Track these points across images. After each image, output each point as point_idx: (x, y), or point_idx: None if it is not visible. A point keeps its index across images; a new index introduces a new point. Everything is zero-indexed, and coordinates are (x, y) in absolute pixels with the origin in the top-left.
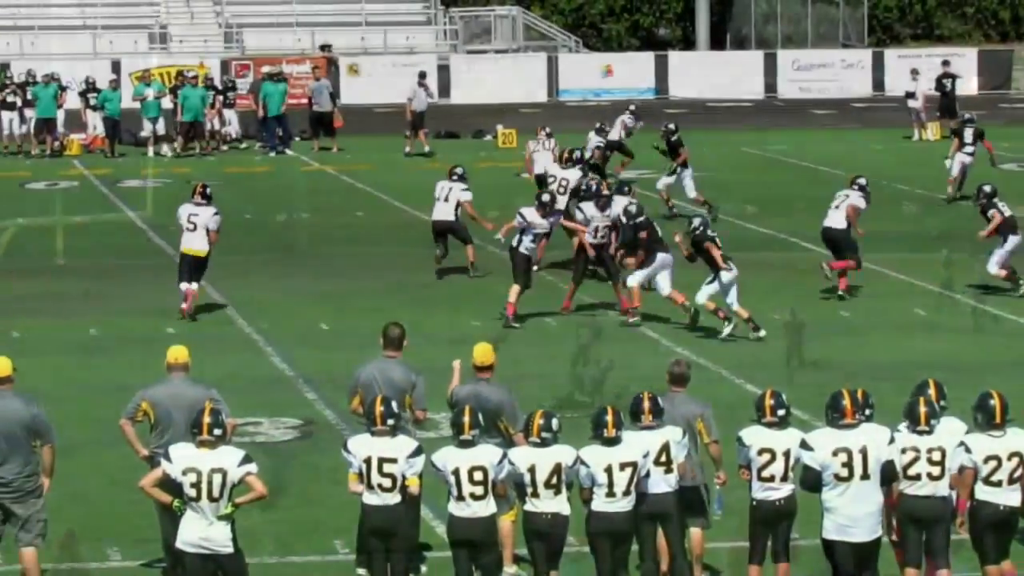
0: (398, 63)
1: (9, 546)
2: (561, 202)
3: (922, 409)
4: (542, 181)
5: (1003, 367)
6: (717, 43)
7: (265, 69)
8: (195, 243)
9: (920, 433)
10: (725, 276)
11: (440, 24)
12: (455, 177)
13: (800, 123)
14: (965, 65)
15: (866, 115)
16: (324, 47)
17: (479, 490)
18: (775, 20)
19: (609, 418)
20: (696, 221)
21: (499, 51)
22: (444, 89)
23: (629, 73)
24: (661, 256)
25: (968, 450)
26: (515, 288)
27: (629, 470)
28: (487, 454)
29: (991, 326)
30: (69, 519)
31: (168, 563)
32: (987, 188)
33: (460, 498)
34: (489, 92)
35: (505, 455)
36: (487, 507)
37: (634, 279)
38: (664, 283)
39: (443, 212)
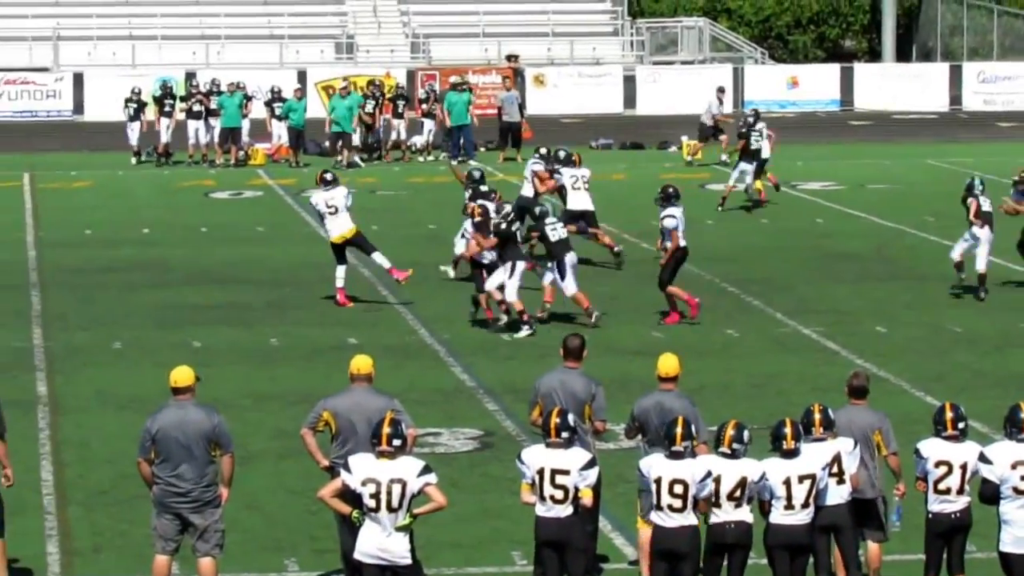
0: (584, 73)
1: (187, 556)
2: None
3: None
4: None
5: None
6: (903, 55)
7: (451, 79)
8: (344, 226)
9: None
10: (520, 266)
11: (627, 35)
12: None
13: (985, 136)
14: None
15: None
16: (510, 57)
17: (677, 503)
18: (961, 32)
19: (788, 430)
20: (506, 208)
21: (685, 62)
22: (630, 100)
23: (814, 85)
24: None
25: (988, 462)
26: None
27: (808, 482)
28: (690, 468)
29: None
30: (247, 529)
31: (346, 574)
32: None
33: (659, 508)
34: (674, 103)
35: (709, 473)
36: (687, 518)
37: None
38: (570, 283)
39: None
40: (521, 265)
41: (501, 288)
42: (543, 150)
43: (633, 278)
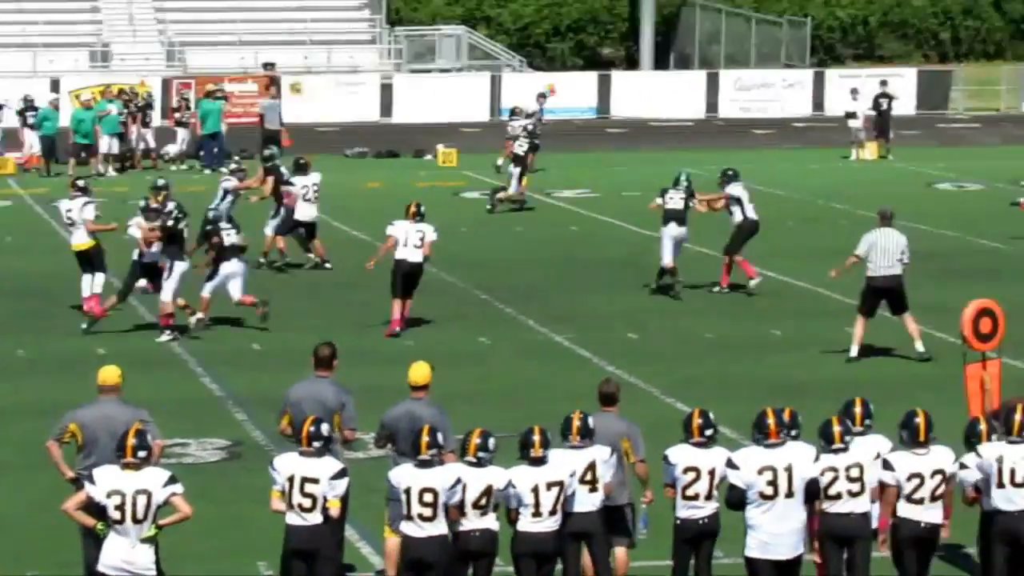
0: (341, 81)
1: None
2: None
3: (835, 428)
4: None
5: (932, 385)
6: (661, 63)
7: (207, 87)
8: (78, 239)
9: (836, 452)
10: (179, 267)
11: (384, 43)
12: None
13: (741, 143)
14: (904, 85)
15: (806, 135)
16: (267, 65)
17: (428, 511)
18: (719, 40)
19: (536, 438)
20: (170, 205)
21: (443, 70)
22: (387, 108)
23: (572, 92)
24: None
25: (891, 468)
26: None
27: (556, 490)
28: (439, 476)
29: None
30: None
31: None
32: None
33: (409, 518)
34: (432, 111)
35: (459, 480)
36: (438, 527)
37: (206, 289)
38: (235, 289)
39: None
40: (181, 266)
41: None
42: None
43: (386, 288)
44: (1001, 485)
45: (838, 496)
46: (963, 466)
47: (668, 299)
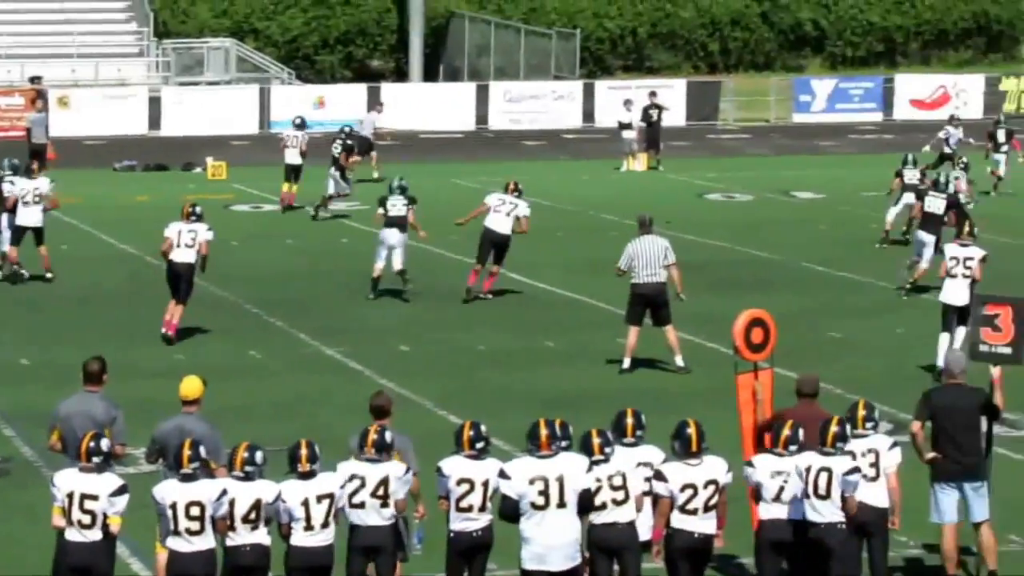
0: (109, 95)
1: None
2: None
3: (595, 440)
4: None
5: (705, 396)
6: (431, 75)
7: None
8: None
9: (597, 463)
10: None
11: (152, 56)
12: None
13: (512, 155)
14: (674, 96)
15: (576, 146)
16: (34, 79)
17: (195, 525)
18: (488, 52)
19: (304, 452)
20: None
21: (211, 83)
22: (155, 121)
23: (341, 105)
24: None
25: (664, 479)
26: None
27: (326, 502)
28: (205, 489)
29: (691, 355)
30: None
31: None
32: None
33: (176, 533)
34: (200, 124)
35: (224, 491)
36: (206, 541)
37: None
38: None
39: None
40: None
41: None
42: None
43: (153, 300)
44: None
45: (603, 506)
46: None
47: (440, 311)
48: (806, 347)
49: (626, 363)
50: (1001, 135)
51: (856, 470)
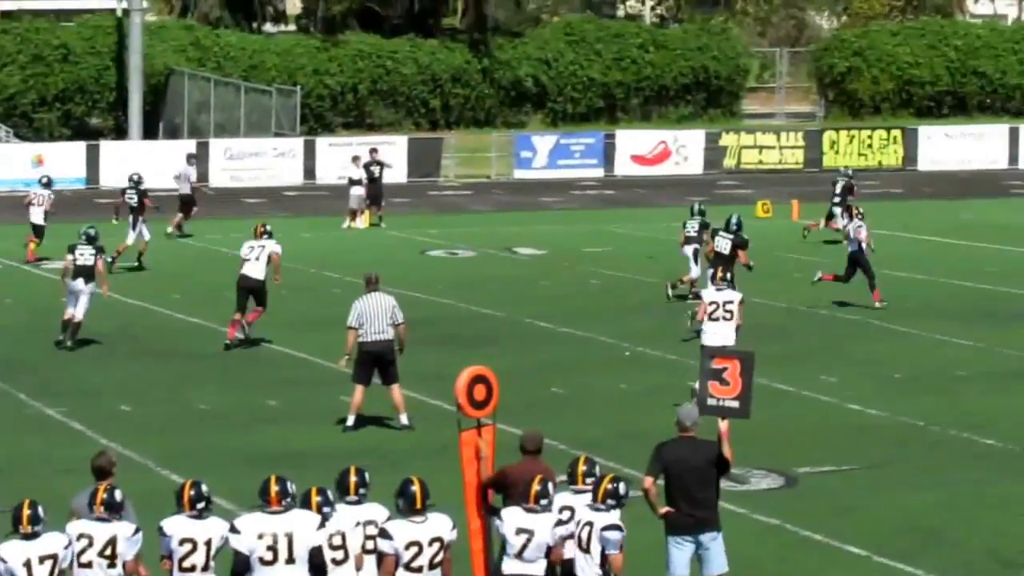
0: None
1: None
2: None
3: (314, 499)
4: None
5: (428, 453)
6: (150, 133)
7: None
8: None
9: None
10: None
11: None
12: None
13: (232, 211)
14: (395, 153)
15: (297, 203)
16: None
17: None
18: (208, 109)
19: (26, 512)
20: None
21: None
22: None
23: (61, 162)
24: None
25: (389, 536)
26: None
27: (49, 563)
28: None
29: (415, 413)
30: None
31: None
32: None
33: None
34: None
35: None
36: None
37: None
38: None
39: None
40: None
41: None
42: None
43: None
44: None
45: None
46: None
47: (161, 369)
48: (529, 403)
49: (350, 420)
50: (838, 189)
51: (617, 527)
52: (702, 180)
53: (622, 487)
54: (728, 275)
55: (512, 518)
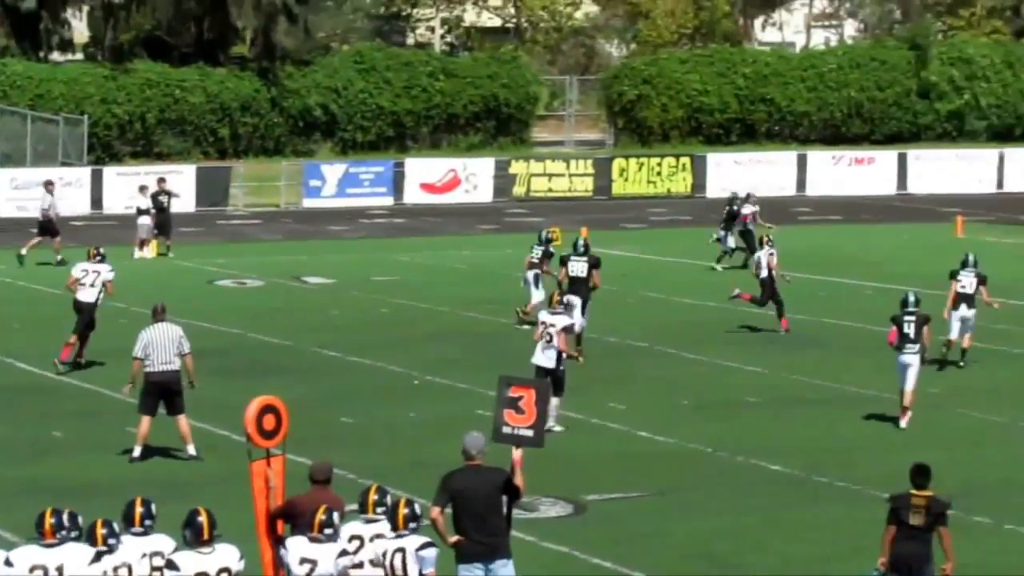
0: None
1: None
2: None
3: (99, 531)
4: None
5: (217, 483)
6: None
7: None
8: None
9: (102, 554)
10: None
11: None
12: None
13: (19, 243)
14: (184, 182)
15: (85, 233)
16: None
17: None
18: None
19: None
20: None
21: None
22: None
23: None
24: None
25: (176, 568)
26: None
27: None
28: None
29: (204, 443)
30: None
31: None
32: None
33: None
34: None
35: None
36: None
37: None
38: None
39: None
40: None
41: None
42: None
43: None
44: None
45: None
46: None
47: None
48: (319, 433)
49: (137, 451)
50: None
51: (430, 544)
52: (492, 208)
53: (417, 507)
54: (585, 298)
55: (296, 548)
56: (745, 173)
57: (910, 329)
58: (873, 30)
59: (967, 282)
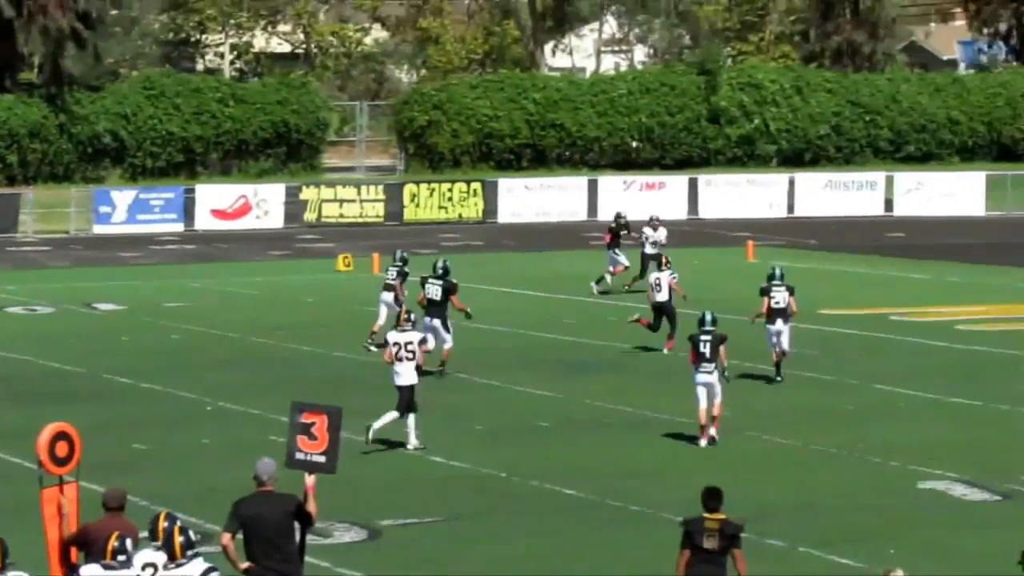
0: None
1: None
2: None
3: None
4: None
5: (8, 511)
6: None
7: None
8: None
9: None
10: None
11: None
12: None
13: None
14: None
15: None
16: None
17: None
18: None
19: None
20: None
21: None
22: None
23: None
24: None
25: None
26: None
27: None
28: None
29: None
30: None
31: None
32: None
33: None
34: None
35: None
36: None
37: None
38: None
39: None
40: None
41: None
42: None
43: None
44: None
45: None
46: None
47: None
48: (112, 460)
49: None
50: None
51: (213, 569)
52: (283, 234)
53: (192, 533)
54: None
55: (90, 575)
56: (536, 199)
57: (706, 348)
58: (663, 55)
59: (780, 297)
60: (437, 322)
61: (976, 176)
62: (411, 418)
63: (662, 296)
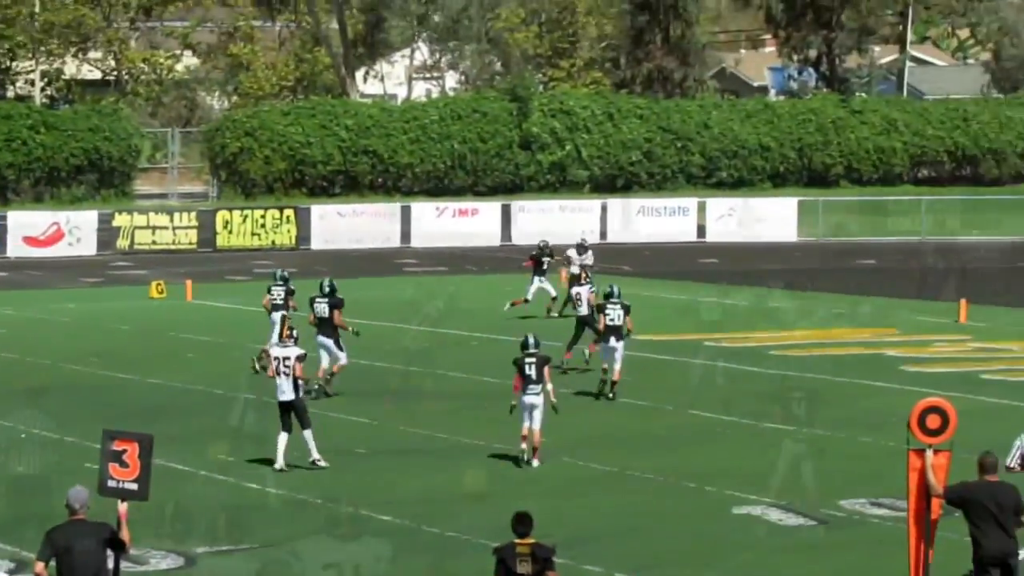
0: None
1: None
2: None
3: None
4: None
5: None
6: None
7: None
8: None
9: None
10: None
11: None
12: None
13: None
14: None
15: None
16: None
17: None
18: None
19: None
20: None
21: None
22: None
23: None
24: None
25: None
26: None
27: None
28: None
29: None
30: None
31: None
32: None
33: None
34: None
35: None
36: None
37: None
38: None
39: None
40: None
41: None
42: None
43: None
44: None
45: None
46: None
47: None
48: None
49: None
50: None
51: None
52: (96, 261)
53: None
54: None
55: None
56: (349, 225)
57: (532, 370)
58: (474, 82)
59: (615, 314)
60: (330, 340)
61: (788, 202)
62: (307, 433)
63: (583, 310)
